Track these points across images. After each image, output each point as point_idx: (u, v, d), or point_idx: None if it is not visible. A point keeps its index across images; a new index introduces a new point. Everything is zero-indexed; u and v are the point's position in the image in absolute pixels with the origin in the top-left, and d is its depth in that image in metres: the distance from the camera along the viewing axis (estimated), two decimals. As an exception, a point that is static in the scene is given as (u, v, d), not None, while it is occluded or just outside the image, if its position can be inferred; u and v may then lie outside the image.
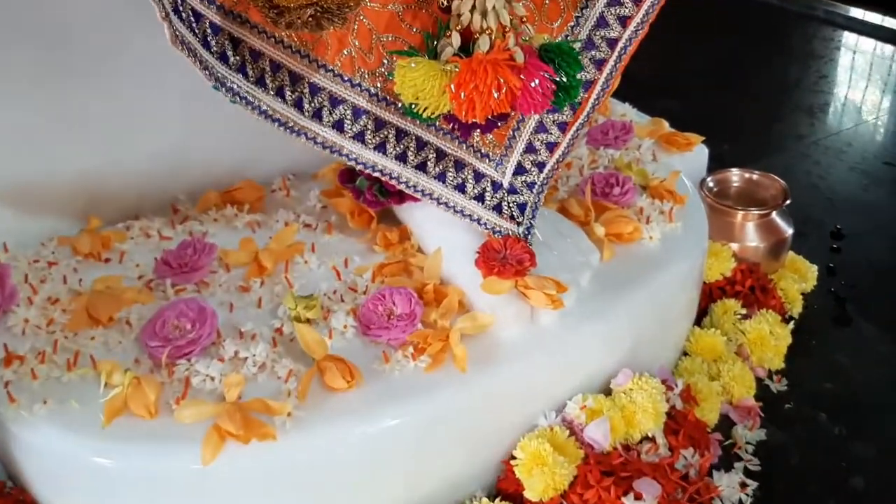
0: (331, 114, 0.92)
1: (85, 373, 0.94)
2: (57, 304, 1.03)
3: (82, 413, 0.89)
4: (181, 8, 0.80)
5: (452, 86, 0.81)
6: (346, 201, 1.18)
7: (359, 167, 0.96)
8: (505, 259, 0.99)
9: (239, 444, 0.86)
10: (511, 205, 1.02)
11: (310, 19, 0.74)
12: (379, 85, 0.93)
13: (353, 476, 0.93)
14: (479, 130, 0.91)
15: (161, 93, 1.15)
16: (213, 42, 0.84)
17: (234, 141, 1.22)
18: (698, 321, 1.33)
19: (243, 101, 0.86)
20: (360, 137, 0.94)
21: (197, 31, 0.82)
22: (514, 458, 0.99)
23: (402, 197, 1.07)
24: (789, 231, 1.43)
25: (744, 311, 1.32)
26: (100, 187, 1.18)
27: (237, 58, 0.86)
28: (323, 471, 0.91)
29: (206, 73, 0.82)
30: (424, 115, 0.84)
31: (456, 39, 0.84)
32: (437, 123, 0.94)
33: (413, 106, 0.84)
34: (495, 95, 0.79)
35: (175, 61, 1.11)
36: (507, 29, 0.82)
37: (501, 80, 0.79)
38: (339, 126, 0.93)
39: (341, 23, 0.78)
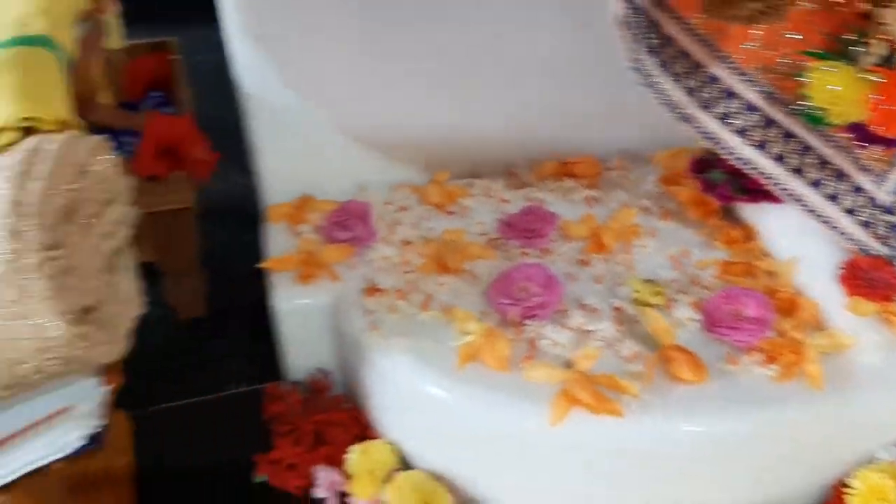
0: (720, 106, 0.91)
1: (437, 315, 1.00)
2: (409, 246, 1.10)
3: (436, 351, 0.95)
4: None
5: (873, 96, 0.77)
6: (685, 190, 1.17)
7: (733, 161, 0.94)
8: (872, 280, 0.94)
9: (581, 413, 0.89)
10: (883, 224, 0.96)
11: (752, 13, 0.73)
12: (772, 83, 0.90)
13: (681, 469, 0.92)
14: (881, 145, 0.86)
15: (519, 61, 1.19)
16: (635, 23, 0.85)
17: (574, 115, 1.25)
18: None
19: (648, 83, 0.87)
20: (742, 133, 0.92)
21: (630, 12, 0.83)
22: (847, 486, 0.94)
23: (757, 197, 1.04)
24: None
25: None
26: (449, 144, 1.24)
27: (654, 41, 0.86)
28: (655, 458, 0.91)
29: (629, 54, 0.84)
30: (830, 121, 0.81)
31: (881, 49, 0.80)
32: (831, 131, 0.90)
33: (818, 110, 0.81)
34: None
35: (534, 32, 1.16)
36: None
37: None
38: (725, 119, 0.91)
39: (778, 20, 0.76)
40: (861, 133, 0.84)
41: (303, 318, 1.06)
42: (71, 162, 0.89)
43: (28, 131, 0.95)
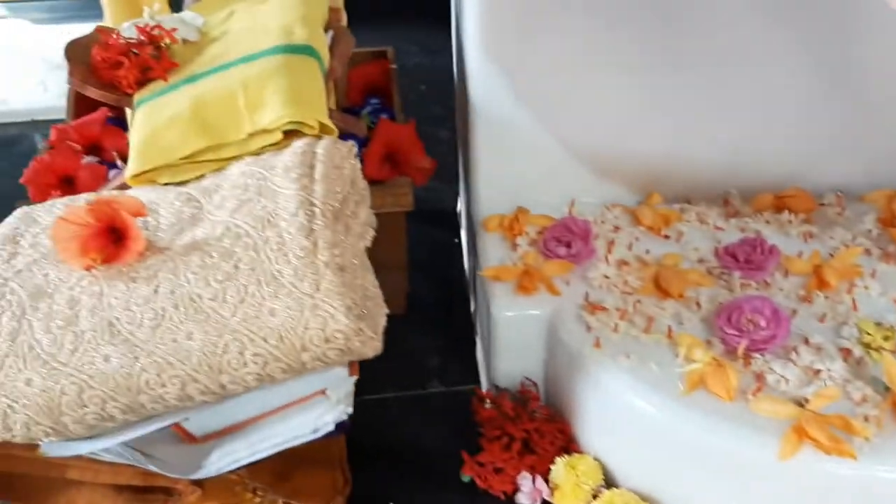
0: None
1: (659, 339, 1.02)
2: (626, 267, 1.13)
3: (662, 376, 0.97)
4: None
5: None
6: (908, 234, 1.14)
7: None
8: None
9: (810, 451, 0.89)
10: None
11: None
12: None
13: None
14: None
15: (736, 90, 1.19)
16: None
17: (789, 148, 1.24)
18: None
19: None
20: None
21: None
22: None
23: None
24: None
25: None
26: (662, 166, 1.25)
27: None
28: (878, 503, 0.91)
29: None
30: None
31: None
32: None
33: None
34: None
35: (766, 66, 1.15)
36: None
37: None
38: None
39: None
40: None
41: (519, 327, 1.10)
42: (336, 165, 0.96)
43: (289, 134, 1.03)
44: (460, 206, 1.66)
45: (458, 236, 1.62)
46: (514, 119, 1.19)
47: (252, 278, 0.81)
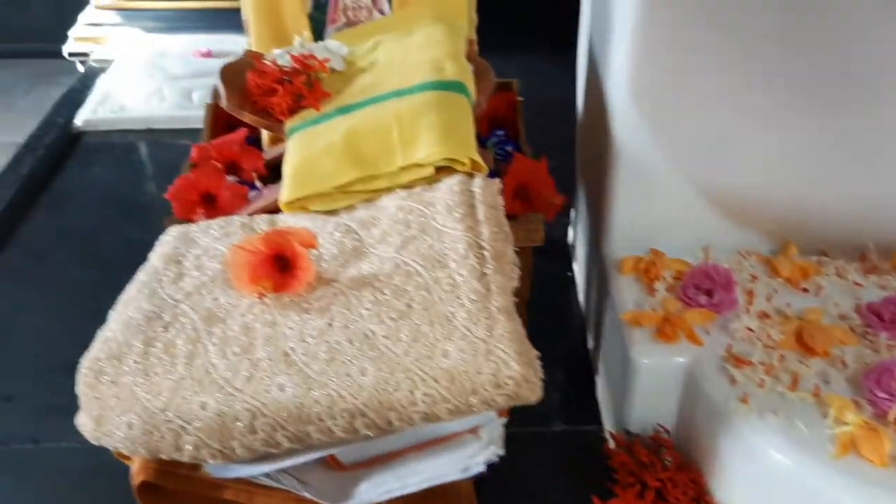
0: None
1: (806, 397, 1.00)
2: (767, 320, 1.11)
3: (810, 437, 0.96)
4: None
5: None
6: None
7: None
8: None
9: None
10: None
11: None
12: None
13: None
14: None
15: (877, 141, 1.17)
16: None
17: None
18: None
19: None
20: None
21: None
22: None
23: None
24: None
25: None
26: (798, 215, 1.23)
27: None
28: None
29: None
30: None
31: None
32: None
33: None
34: None
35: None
36: None
37: None
38: None
39: None
40: None
41: (657, 374, 1.09)
42: (492, 204, 0.97)
43: (439, 169, 1.04)
44: (572, 237, 1.66)
45: (571, 269, 1.62)
46: (655, 161, 1.19)
47: (425, 318, 0.82)
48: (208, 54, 2.24)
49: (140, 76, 2.21)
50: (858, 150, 1.18)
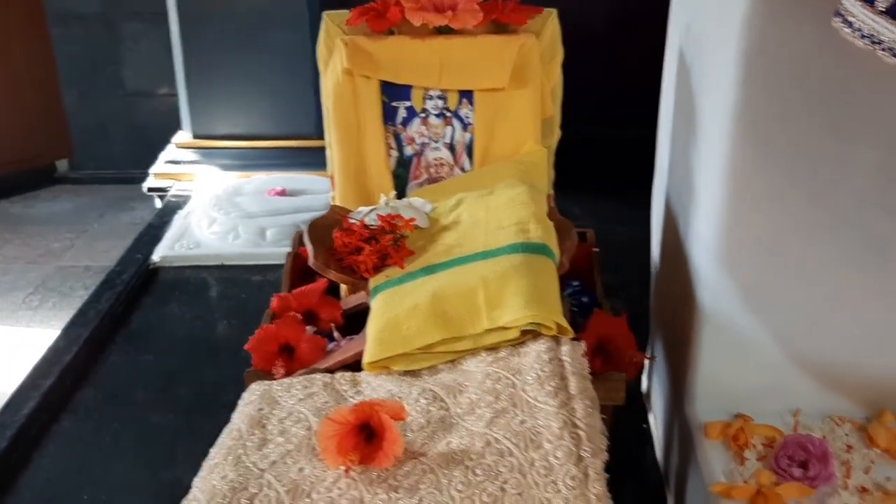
0: None
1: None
2: (867, 494, 1.06)
3: None
4: None
5: None
6: None
7: None
8: None
9: None
10: None
11: None
12: None
13: None
14: None
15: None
16: None
17: None
18: None
19: None
20: None
21: None
22: None
23: None
24: None
25: None
26: (893, 381, 1.19)
27: None
28: None
29: None
30: None
31: None
32: None
33: None
34: None
35: None
36: None
37: None
38: None
39: None
40: None
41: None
42: (584, 374, 0.95)
43: (524, 332, 1.04)
44: (646, 387, 1.62)
45: (646, 421, 1.58)
46: (744, 326, 1.17)
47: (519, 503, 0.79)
48: (282, 192, 2.32)
49: (216, 214, 2.28)
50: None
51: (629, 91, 2.19)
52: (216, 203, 2.33)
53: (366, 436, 0.90)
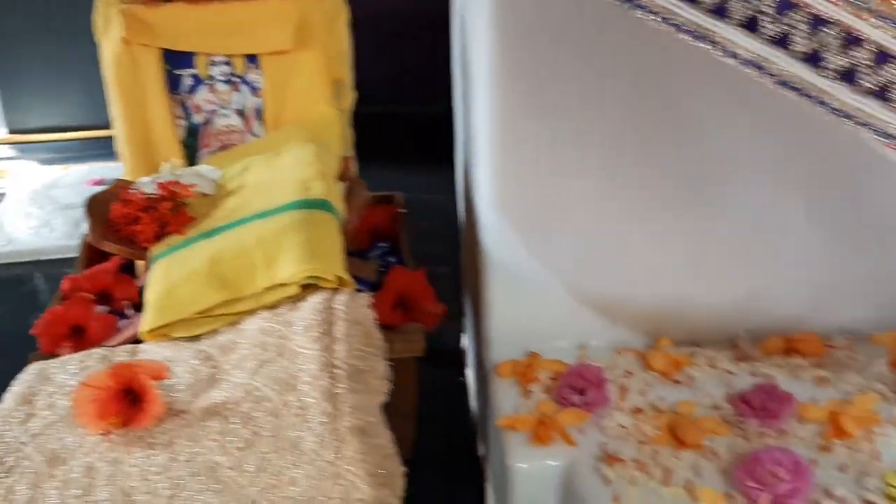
0: None
1: (679, 492, 1.00)
2: (640, 415, 1.12)
3: (682, 532, 0.95)
4: None
5: None
6: (921, 378, 1.14)
7: None
8: None
9: None
10: None
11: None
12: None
13: None
14: None
15: (745, 236, 1.21)
16: None
17: (798, 290, 1.25)
18: None
19: None
20: None
21: None
22: None
23: None
24: None
25: None
26: (671, 310, 1.26)
27: None
28: None
29: None
30: None
31: None
32: None
33: None
34: None
35: (770, 211, 1.18)
36: None
37: None
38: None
39: None
40: None
41: (535, 478, 1.08)
42: (357, 320, 0.96)
43: (305, 287, 1.04)
44: (465, 342, 1.66)
45: (463, 374, 1.62)
46: (526, 268, 1.21)
47: (272, 445, 0.80)
48: (100, 182, 2.23)
49: (32, 209, 2.18)
50: (724, 244, 1.22)
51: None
52: (32, 198, 2.22)
53: (130, 401, 0.88)
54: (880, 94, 0.65)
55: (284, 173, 1.20)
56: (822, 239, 1.21)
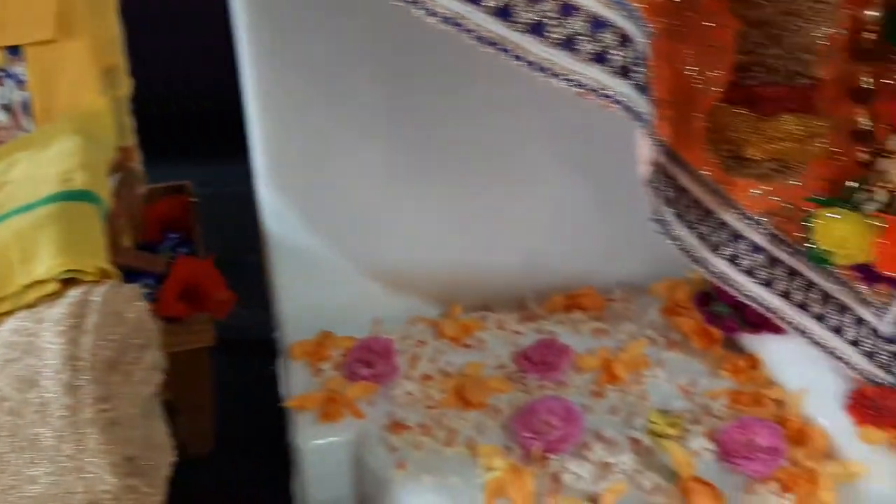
0: (729, 248, 0.97)
1: (461, 451, 1.03)
2: (430, 381, 1.14)
3: (463, 489, 0.98)
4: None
5: (879, 240, 0.84)
6: (687, 321, 1.22)
7: (741, 298, 1.00)
8: (880, 408, 0.98)
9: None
10: (886, 354, 1.02)
11: (768, 171, 0.80)
12: (777, 226, 0.97)
13: None
14: (886, 283, 0.92)
15: (522, 202, 1.26)
16: (655, 178, 0.92)
17: (576, 249, 1.31)
18: None
19: (667, 233, 0.93)
20: (750, 272, 0.99)
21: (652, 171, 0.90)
22: None
23: (759, 328, 1.10)
24: None
25: None
26: (460, 277, 1.29)
27: (670, 193, 0.94)
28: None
29: (652, 206, 0.89)
30: (836, 262, 0.87)
31: (882, 196, 0.88)
32: (835, 269, 0.96)
33: (824, 252, 0.88)
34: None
35: (544, 175, 1.23)
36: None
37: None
38: (733, 260, 0.98)
39: (794, 177, 0.84)
40: (866, 272, 0.90)
41: (325, 455, 1.08)
42: (113, 311, 0.93)
43: (68, 282, 1.00)
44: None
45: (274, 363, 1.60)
46: (310, 245, 1.21)
47: (10, 446, 0.76)
48: None
49: None
50: (503, 209, 1.26)
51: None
52: None
53: None
54: (567, 44, 0.69)
55: (48, 166, 1.15)
56: (595, 198, 1.27)
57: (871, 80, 0.89)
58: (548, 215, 1.28)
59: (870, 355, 1.02)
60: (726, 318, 1.13)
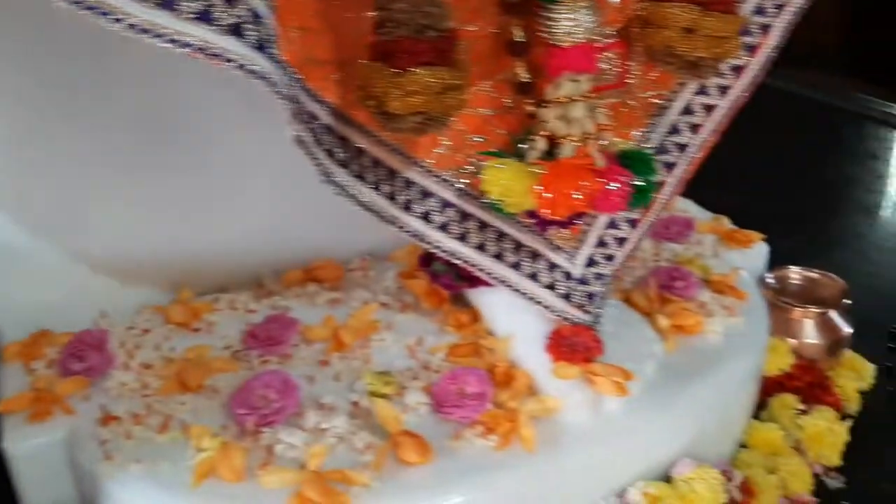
0: (420, 206, 0.99)
1: (176, 436, 1.00)
2: (150, 369, 1.11)
3: (173, 473, 0.95)
4: (303, 111, 0.88)
5: (537, 186, 0.88)
6: (420, 283, 1.24)
7: (440, 254, 1.03)
8: (574, 345, 1.04)
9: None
10: (580, 294, 1.08)
11: (415, 125, 0.81)
12: (466, 181, 1.00)
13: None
14: (556, 226, 0.97)
15: (252, 179, 1.24)
16: (324, 140, 0.92)
17: (316, 223, 1.30)
18: (756, 415, 1.35)
19: (346, 194, 0.94)
20: (444, 228, 1.01)
21: (314, 131, 0.90)
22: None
23: (474, 282, 1.13)
24: (848, 330, 1.46)
25: (802, 407, 1.34)
26: (192, 261, 1.26)
27: (344, 154, 0.94)
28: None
29: (318, 168, 0.90)
30: (508, 211, 0.91)
31: (542, 144, 0.92)
32: (518, 218, 1.00)
33: (497, 202, 0.91)
34: (577, 197, 0.86)
35: (266, 151, 1.22)
36: (589, 136, 0.90)
37: (583, 183, 0.86)
38: (426, 217, 1.00)
39: (442, 129, 0.86)
40: (538, 218, 0.94)
41: (36, 457, 1.03)
42: None
43: None
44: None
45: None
46: (17, 241, 1.14)
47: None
48: None
49: None
50: (231, 199, 1.24)
51: None
52: None
53: None
54: (167, 4, 0.67)
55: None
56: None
57: (523, 32, 0.92)
58: (279, 192, 1.26)
59: (566, 297, 1.07)
60: (443, 276, 1.16)
